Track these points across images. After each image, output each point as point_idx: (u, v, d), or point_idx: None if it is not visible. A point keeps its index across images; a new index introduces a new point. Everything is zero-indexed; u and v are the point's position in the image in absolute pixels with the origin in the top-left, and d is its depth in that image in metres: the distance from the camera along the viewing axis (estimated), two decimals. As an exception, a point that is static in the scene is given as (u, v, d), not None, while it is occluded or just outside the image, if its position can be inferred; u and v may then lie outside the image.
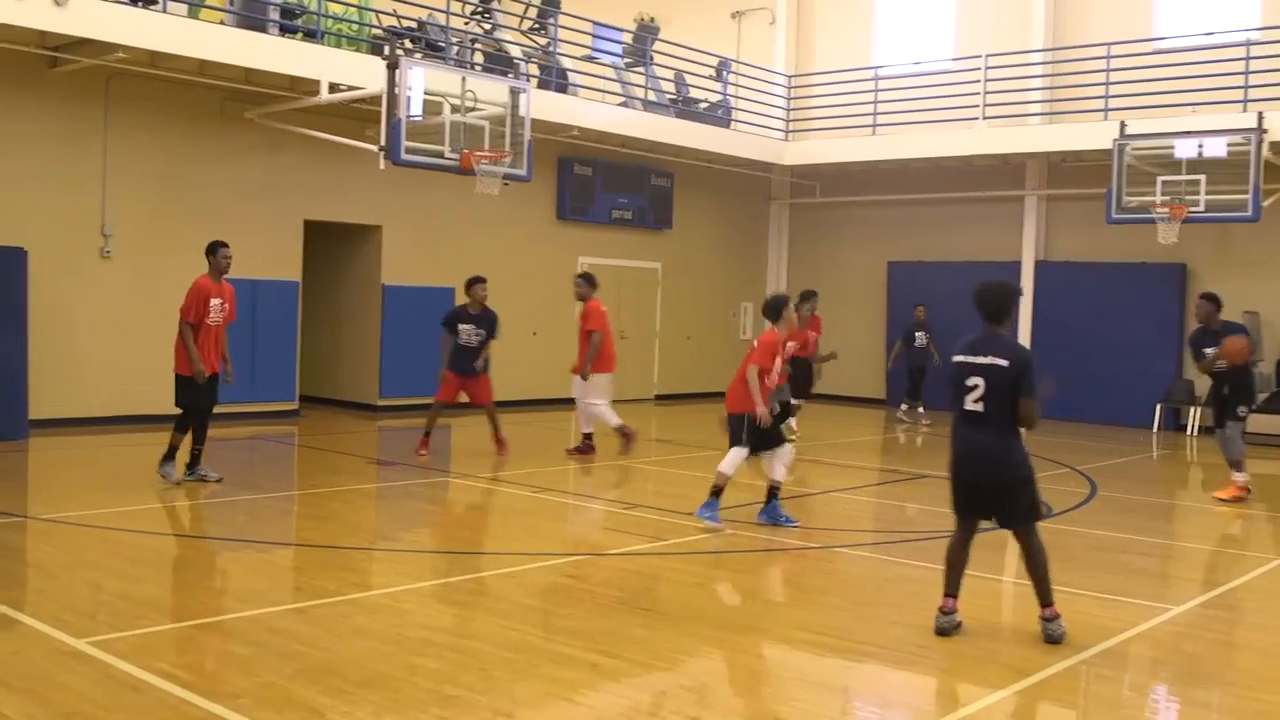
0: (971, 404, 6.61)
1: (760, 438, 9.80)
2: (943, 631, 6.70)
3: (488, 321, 13.52)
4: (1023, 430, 6.68)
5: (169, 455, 11.03)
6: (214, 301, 10.87)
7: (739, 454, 9.84)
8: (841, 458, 15.42)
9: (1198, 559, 9.97)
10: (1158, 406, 19.38)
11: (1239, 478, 12.10)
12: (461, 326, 13.42)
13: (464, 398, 13.72)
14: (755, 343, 10.05)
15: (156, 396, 15.23)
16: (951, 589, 6.81)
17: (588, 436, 14.06)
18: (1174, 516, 12.45)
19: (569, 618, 6.96)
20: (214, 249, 11.05)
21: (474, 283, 13.65)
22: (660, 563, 8.74)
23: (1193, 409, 19.19)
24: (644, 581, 8.19)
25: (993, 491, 6.70)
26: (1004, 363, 6.55)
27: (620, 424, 13.77)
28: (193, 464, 11.23)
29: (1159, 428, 19.32)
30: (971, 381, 6.60)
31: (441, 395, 13.68)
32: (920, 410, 19.40)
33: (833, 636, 6.86)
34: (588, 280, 14.10)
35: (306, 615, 6.82)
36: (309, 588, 7.51)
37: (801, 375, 16.33)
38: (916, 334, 19.58)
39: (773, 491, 9.97)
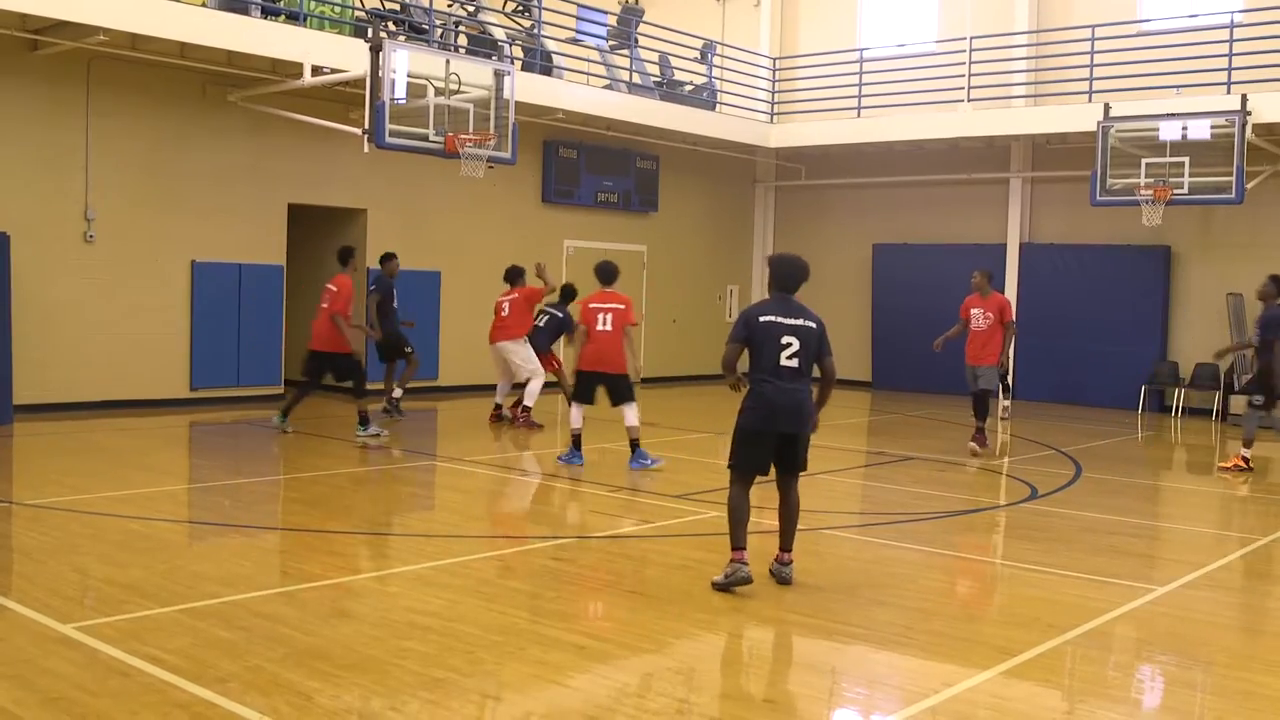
0: (787, 360, 7.21)
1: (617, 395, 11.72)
2: (745, 580, 7.15)
3: None
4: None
5: (364, 419, 13.13)
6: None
7: (576, 408, 11.85)
8: (827, 440, 15.41)
9: (1183, 540, 10.02)
10: (1142, 388, 19.44)
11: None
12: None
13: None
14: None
15: (141, 380, 15.25)
16: (743, 541, 7.25)
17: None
18: (1159, 498, 12.51)
19: (556, 600, 6.97)
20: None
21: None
22: (647, 545, 8.75)
23: (1177, 390, 19.26)
24: (630, 564, 8.20)
25: (799, 442, 7.31)
26: (812, 324, 7.34)
27: None
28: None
29: (1143, 409, 19.39)
30: (786, 340, 7.22)
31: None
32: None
33: (820, 618, 6.88)
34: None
35: (293, 599, 6.82)
36: (295, 572, 7.50)
37: None
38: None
39: (634, 443, 11.85)
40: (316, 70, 14.71)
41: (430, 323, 18.48)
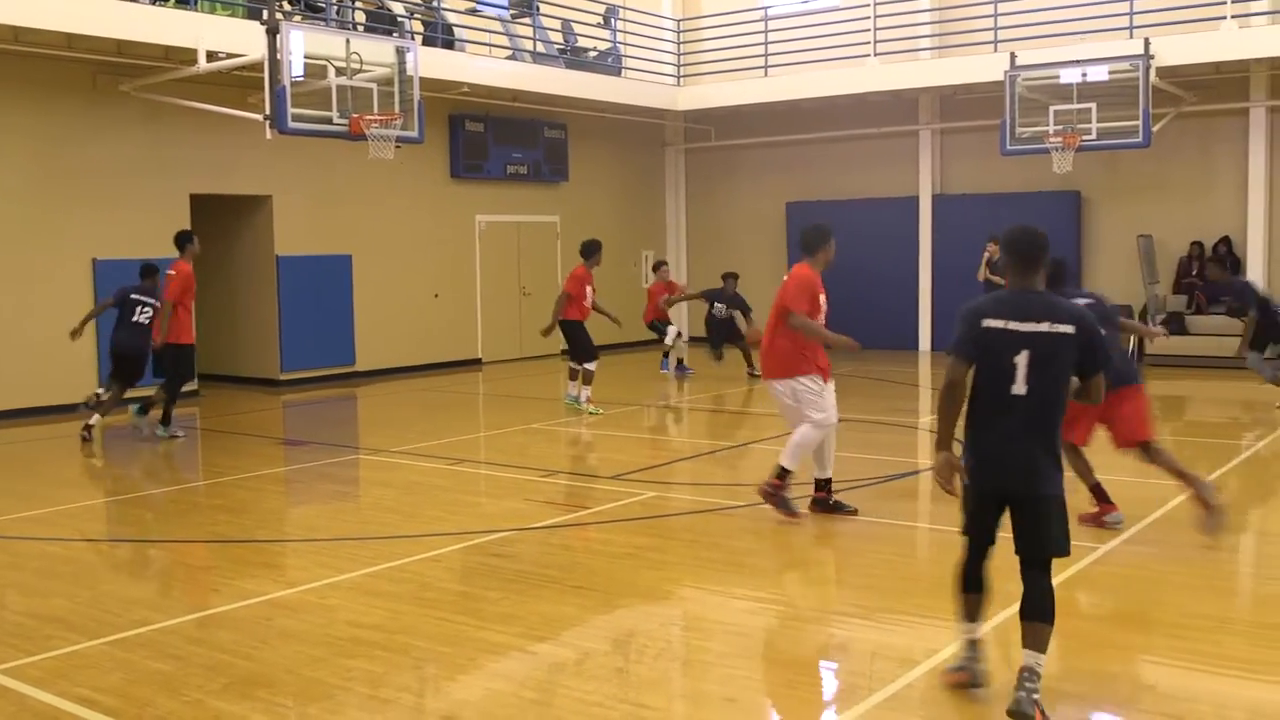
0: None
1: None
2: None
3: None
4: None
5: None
6: None
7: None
8: (752, 405, 15.36)
9: (1115, 492, 10.03)
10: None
11: None
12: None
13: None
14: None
15: (48, 385, 14.71)
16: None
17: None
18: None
19: (500, 602, 6.78)
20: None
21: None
22: (586, 534, 8.59)
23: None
24: (573, 555, 8.05)
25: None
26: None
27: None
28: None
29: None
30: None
31: None
32: None
33: (769, 603, 6.78)
34: None
35: (228, 620, 6.56)
36: (228, 589, 7.22)
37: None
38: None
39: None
40: (212, 56, 14.20)
41: (344, 307, 18.10)
